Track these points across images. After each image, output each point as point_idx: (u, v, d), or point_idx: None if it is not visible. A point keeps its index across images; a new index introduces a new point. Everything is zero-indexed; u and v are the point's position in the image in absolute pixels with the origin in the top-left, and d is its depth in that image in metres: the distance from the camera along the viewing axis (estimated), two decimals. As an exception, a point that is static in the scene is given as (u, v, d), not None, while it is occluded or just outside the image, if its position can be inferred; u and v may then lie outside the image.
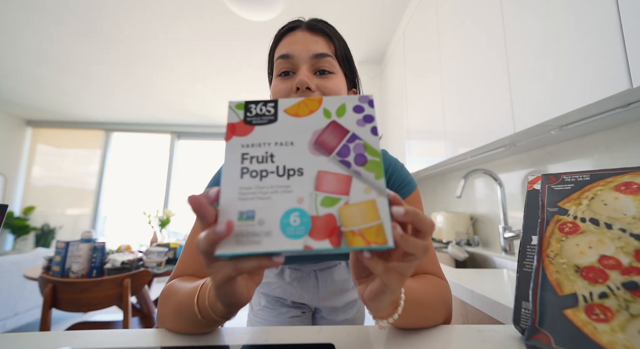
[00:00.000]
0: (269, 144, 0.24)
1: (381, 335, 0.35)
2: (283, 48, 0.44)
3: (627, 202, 0.31)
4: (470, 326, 0.37)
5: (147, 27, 2.03)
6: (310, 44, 0.43)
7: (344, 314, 0.59)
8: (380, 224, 0.21)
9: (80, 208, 3.98)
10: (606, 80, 0.58)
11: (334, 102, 0.26)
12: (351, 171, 0.23)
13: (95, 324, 1.51)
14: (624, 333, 0.25)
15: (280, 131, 0.25)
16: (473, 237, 1.43)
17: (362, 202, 0.22)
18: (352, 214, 0.22)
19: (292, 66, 0.43)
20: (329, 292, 0.56)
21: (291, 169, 0.23)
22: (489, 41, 0.98)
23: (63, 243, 1.41)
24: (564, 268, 0.31)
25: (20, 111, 3.72)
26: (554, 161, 1.01)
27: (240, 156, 0.24)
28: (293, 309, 0.57)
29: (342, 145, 0.24)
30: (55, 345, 0.32)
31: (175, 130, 4.20)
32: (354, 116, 0.25)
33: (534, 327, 0.29)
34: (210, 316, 0.30)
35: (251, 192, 0.23)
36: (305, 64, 0.43)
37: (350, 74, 0.50)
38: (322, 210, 0.22)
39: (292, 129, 0.25)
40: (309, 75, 0.42)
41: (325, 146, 0.24)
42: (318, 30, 0.45)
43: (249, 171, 0.23)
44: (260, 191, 0.23)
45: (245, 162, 0.24)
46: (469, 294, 0.66)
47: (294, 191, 0.23)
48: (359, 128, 0.24)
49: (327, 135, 0.24)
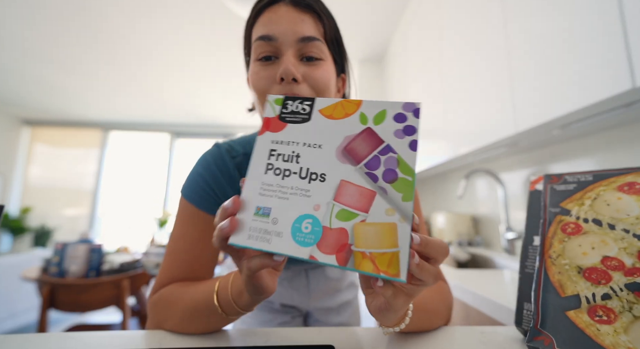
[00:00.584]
0: (297, 143, 0.24)
1: (381, 336, 0.35)
2: (263, 27, 0.37)
3: (630, 202, 0.31)
4: (471, 328, 0.37)
5: (145, 26, 2.03)
6: (297, 25, 0.37)
7: (339, 316, 0.56)
8: (397, 252, 0.19)
9: (78, 209, 3.97)
10: (609, 80, 0.58)
11: (374, 107, 0.23)
12: (377, 186, 0.21)
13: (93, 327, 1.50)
14: (627, 335, 0.25)
15: (311, 131, 0.24)
16: (474, 237, 1.43)
17: (381, 223, 0.20)
18: (367, 234, 0.20)
19: (275, 50, 0.37)
20: (321, 291, 0.53)
21: (314, 173, 0.22)
22: (490, 40, 0.98)
23: (61, 244, 1.40)
24: (566, 269, 0.30)
25: (17, 110, 3.71)
26: (556, 161, 1.01)
27: (268, 151, 0.24)
28: (281, 315, 0.52)
29: (372, 156, 0.22)
30: (53, 347, 0.32)
31: (174, 129, 4.19)
32: (394, 125, 0.23)
33: (536, 329, 0.29)
34: (232, 308, 0.31)
35: (272, 189, 0.23)
36: (291, 48, 0.37)
37: (340, 58, 0.44)
38: (336, 223, 0.21)
39: (324, 131, 0.24)
40: (294, 62, 0.36)
41: (354, 154, 0.22)
42: (305, 6, 0.38)
43: (274, 167, 0.23)
44: (280, 190, 0.22)
45: (272, 158, 0.24)
46: (471, 295, 0.66)
47: (312, 196, 0.22)
48: (396, 140, 0.22)
49: (358, 142, 0.23)
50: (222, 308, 0.32)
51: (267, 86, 0.37)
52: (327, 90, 0.39)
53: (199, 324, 0.35)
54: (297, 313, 0.54)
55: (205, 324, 0.35)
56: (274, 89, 0.37)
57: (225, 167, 0.43)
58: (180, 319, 0.36)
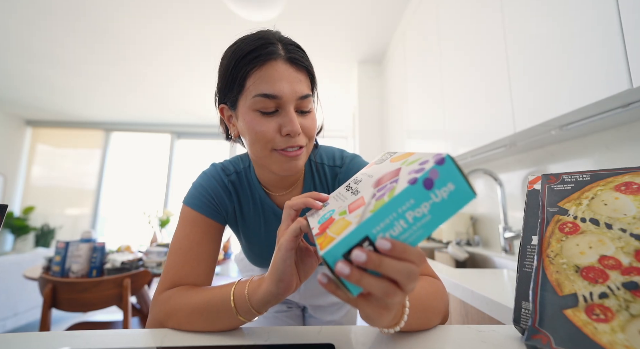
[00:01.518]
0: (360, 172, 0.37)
1: (381, 335, 0.35)
2: (265, 85, 0.40)
3: (627, 202, 0.31)
4: (470, 326, 0.37)
5: (147, 27, 2.03)
6: (296, 84, 0.41)
7: (331, 314, 0.59)
8: (333, 238, 0.24)
9: (80, 208, 3.98)
10: (606, 80, 0.58)
11: (416, 156, 0.28)
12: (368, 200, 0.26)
13: (95, 325, 1.51)
14: (624, 333, 0.25)
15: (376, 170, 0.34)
16: (473, 237, 1.43)
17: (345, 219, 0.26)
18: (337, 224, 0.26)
19: (277, 105, 0.41)
20: (311, 290, 0.57)
21: (357, 190, 0.31)
22: (489, 41, 0.98)
23: (63, 243, 1.41)
24: (564, 268, 0.31)
25: (20, 111, 3.72)
26: (554, 161, 1.01)
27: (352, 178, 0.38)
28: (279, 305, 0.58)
29: (384, 184, 0.27)
30: (55, 345, 0.32)
31: (175, 130, 4.20)
32: (413, 167, 0.25)
33: (534, 327, 0.29)
34: (244, 305, 0.34)
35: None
36: (291, 105, 0.42)
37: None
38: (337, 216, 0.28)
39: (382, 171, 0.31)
40: (295, 118, 0.42)
41: (378, 183, 0.28)
42: (300, 65, 0.43)
43: (350, 186, 0.35)
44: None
45: (352, 183, 0.35)
46: (469, 294, 0.66)
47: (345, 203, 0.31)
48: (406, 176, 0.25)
49: (386, 175, 0.28)
50: (236, 304, 0.34)
51: (271, 136, 0.42)
52: (314, 133, 0.46)
53: (206, 321, 0.36)
54: (294, 305, 0.59)
55: (212, 322, 0.36)
56: (278, 139, 0.42)
57: (222, 182, 0.51)
58: (188, 314, 0.37)
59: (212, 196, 0.48)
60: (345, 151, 0.57)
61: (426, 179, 0.22)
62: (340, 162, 0.54)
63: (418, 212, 0.23)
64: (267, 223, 0.54)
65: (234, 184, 0.51)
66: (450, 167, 0.23)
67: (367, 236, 0.23)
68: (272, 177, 0.50)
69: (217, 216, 0.48)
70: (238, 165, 0.53)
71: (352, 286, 0.23)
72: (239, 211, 0.53)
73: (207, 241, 0.46)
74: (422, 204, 0.23)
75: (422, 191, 0.22)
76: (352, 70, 2.62)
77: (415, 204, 0.22)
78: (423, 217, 0.23)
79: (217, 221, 0.48)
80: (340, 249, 0.23)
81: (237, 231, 0.56)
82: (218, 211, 0.49)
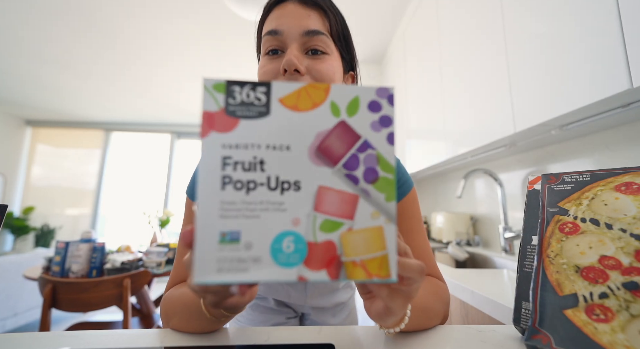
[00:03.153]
0: (258, 146, 0.19)
1: (381, 335, 0.35)
2: (271, 23, 0.39)
3: (627, 202, 0.31)
4: (470, 326, 0.37)
5: (147, 26, 2.03)
6: (302, 19, 0.37)
7: (334, 317, 0.55)
8: (385, 255, 0.19)
9: (80, 208, 3.98)
10: (606, 80, 0.58)
11: (345, 94, 0.20)
12: (358, 188, 0.19)
13: (95, 325, 1.51)
14: (625, 333, 0.25)
15: (273, 128, 0.19)
16: (473, 237, 1.43)
17: (368, 228, 0.19)
18: (356, 242, 0.19)
19: (281, 44, 0.38)
20: (318, 290, 0.52)
21: (286, 182, 0.19)
22: (489, 41, 0.98)
23: (63, 243, 1.41)
24: (564, 268, 0.31)
25: (19, 111, 3.72)
26: (554, 161, 1.01)
27: (220, 160, 0.19)
28: (275, 315, 0.51)
29: (350, 154, 0.20)
30: (55, 345, 0.32)
31: (175, 130, 4.20)
32: (369, 115, 0.20)
33: (534, 327, 0.29)
34: (219, 313, 0.31)
35: (236, 208, 0.18)
36: (295, 42, 0.37)
37: (348, 55, 0.44)
38: (321, 236, 0.19)
39: (289, 128, 0.19)
40: (298, 55, 0.37)
41: (329, 154, 0.20)
42: (312, 3, 0.39)
43: (232, 180, 0.19)
44: (247, 208, 0.19)
45: (228, 168, 0.19)
46: (469, 294, 0.66)
47: (288, 209, 0.19)
48: (374, 133, 0.20)
49: (333, 140, 0.20)
50: (209, 311, 0.32)
51: (271, 79, 0.37)
52: (327, 80, 0.39)
53: (195, 325, 0.35)
54: (292, 313, 0.53)
55: (200, 326, 0.35)
56: (279, 80, 0.37)
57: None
58: (179, 319, 0.36)
59: None
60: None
61: (390, 134, 0.20)
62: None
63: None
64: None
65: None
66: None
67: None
68: None
69: None
70: None
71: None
72: None
73: None
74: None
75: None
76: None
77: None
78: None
79: None
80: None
81: None
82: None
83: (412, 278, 0.22)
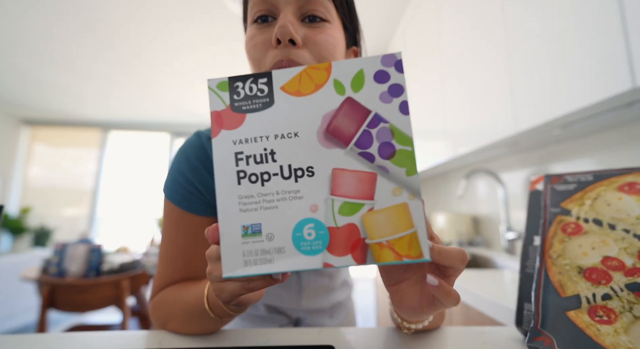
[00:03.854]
0: (267, 137, 0.19)
1: (381, 337, 0.35)
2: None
3: (630, 202, 0.31)
4: (471, 328, 0.37)
5: (145, 25, 2.02)
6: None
7: (331, 319, 0.51)
8: (414, 233, 0.18)
9: (78, 209, 3.96)
10: (609, 80, 0.58)
11: (348, 69, 0.19)
12: (375, 166, 0.19)
13: (93, 327, 1.50)
14: (628, 335, 0.25)
15: (279, 117, 0.19)
16: (475, 237, 1.43)
17: (391, 207, 0.18)
18: (379, 223, 0.18)
19: (272, 8, 0.32)
20: (314, 290, 0.48)
21: (299, 169, 0.19)
22: (490, 40, 0.98)
23: (60, 244, 1.40)
24: (566, 269, 0.30)
25: (16, 110, 3.70)
26: (556, 161, 1.01)
27: (233, 156, 0.19)
28: (267, 323, 0.46)
29: (361, 131, 0.19)
30: (53, 347, 0.32)
31: (174, 129, 4.19)
32: (377, 87, 0.19)
33: (536, 329, 0.29)
34: (222, 312, 0.29)
35: (254, 201, 0.19)
36: (290, 5, 0.31)
37: (351, 25, 0.37)
38: (342, 219, 0.18)
39: (295, 114, 0.19)
40: (293, 21, 0.31)
41: (339, 135, 0.19)
42: None
43: (247, 174, 0.19)
44: (265, 199, 0.19)
45: (241, 163, 0.19)
46: (471, 295, 0.66)
47: (305, 196, 0.19)
48: (384, 105, 0.19)
49: (341, 119, 0.19)
50: (213, 311, 0.30)
51: (262, 52, 0.32)
52: (332, 58, 0.33)
53: (196, 327, 0.35)
54: (284, 320, 0.47)
55: (201, 327, 0.35)
56: (270, 54, 0.31)
57: (207, 159, 0.37)
58: (179, 322, 0.36)
59: (195, 184, 0.37)
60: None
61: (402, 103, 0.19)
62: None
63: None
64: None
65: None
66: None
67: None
68: None
69: (202, 209, 0.37)
70: None
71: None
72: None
73: (196, 245, 0.37)
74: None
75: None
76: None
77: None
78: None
79: (205, 215, 0.37)
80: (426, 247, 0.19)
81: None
82: (204, 202, 0.37)
83: (453, 266, 0.20)
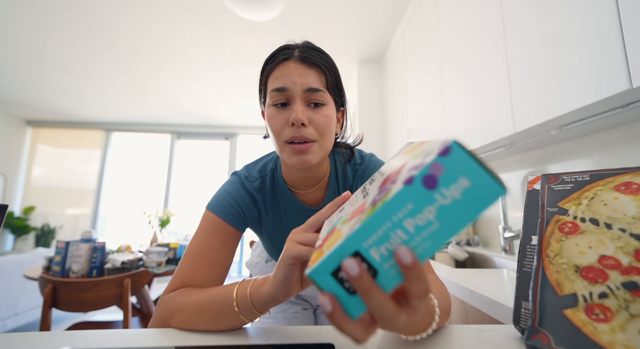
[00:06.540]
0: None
1: (381, 336, 0.35)
2: (277, 81, 0.46)
3: (626, 202, 0.31)
4: (470, 326, 0.37)
5: (147, 26, 2.03)
6: (304, 77, 0.45)
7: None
8: (322, 251, 0.22)
9: (80, 208, 3.98)
10: (606, 80, 0.58)
11: (420, 154, 0.22)
12: (367, 205, 0.22)
13: (95, 324, 1.51)
14: (624, 333, 0.25)
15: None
16: (473, 237, 1.43)
17: (340, 230, 0.23)
18: (334, 235, 0.23)
19: (287, 98, 0.46)
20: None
21: (367, 193, 0.27)
22: (489, 41, 0.98)
23: (63, 243, 1.41)
24: (563, 267, 0.31)
25: (20, 111, 3.72)
26: (553, 161, 1.01)
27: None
28: (294, 305, 0.61)
29: (386, 185, 0.22)
30: (56, 345, 0.32)
31: (175, 130, 4.20)
32: (415, 162, 0.21)
33: (533, 327, 0.29)
34: (247, 306, 0.34)
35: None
36: (299, 98, 0.45)
37: (339, 98, 0.52)
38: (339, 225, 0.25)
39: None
40: (303, 110, 0.45)
41: (384, 183, 0.24)
42: (311, 63, 0.46)
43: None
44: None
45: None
46: (469, 294, 0.66)
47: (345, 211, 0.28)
48: (404, 174, 0.20)
49: (392, 174, 0.23)
50: (238, 302, 0.35)
51: (280, 128, 0.46)
52: (327, 129, 0.47)
53: (221, 324, 0.36)
54: (307, 305, 0.61)
55: (214, 320, 0.36)
56: (287, 130, 0.45)
57: (247, 189, 0.53)
58: (191, 312, 0.37)
59: (239, 203, 0.51)
60: (362, 150, 0.60)
61: (426, 176, 0.18)
62: (360, 160, 0.57)
63: (421, 219, 0.18)
64: (290, 219, 0.56)
65: (258, 189, 0.54)
66: (460, 158, 0.17)
67: (358, 251, 0.19)
68: (297, 176, 0.52)
69: (239, 224, 0.50)
70: (264, 169, 0.56)
71: (354, 305, 0.19)
72: (264, 212, 0.55)
73: (224, 250, 0.47)
74: (425, 208, 0.18)
75: (423, 192, 0.18)
76: (352, 70, 2.62)
77: (415, 210, 0.18)
78: (429, 226, 0.18)
79: (238, 229, 0.50)
80: (326, 267, 0.19)
81: (260, 230, 0.58)
82: (242, 219, 0.51)
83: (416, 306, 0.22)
